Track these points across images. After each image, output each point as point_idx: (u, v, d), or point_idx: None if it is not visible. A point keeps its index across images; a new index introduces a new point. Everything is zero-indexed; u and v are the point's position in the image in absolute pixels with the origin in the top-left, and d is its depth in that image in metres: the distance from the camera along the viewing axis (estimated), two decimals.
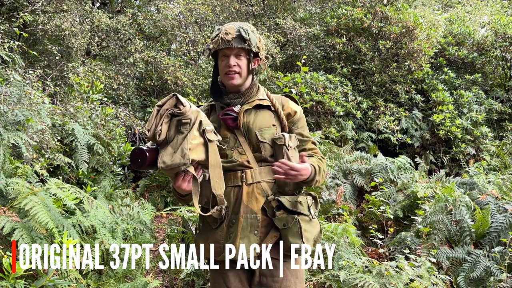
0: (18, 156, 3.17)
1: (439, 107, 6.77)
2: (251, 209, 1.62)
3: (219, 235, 1.65)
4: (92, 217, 2.83)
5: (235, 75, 1.68)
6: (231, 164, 1.65)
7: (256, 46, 1.70)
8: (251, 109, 1.71)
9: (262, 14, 8.01)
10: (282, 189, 1.67)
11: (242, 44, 1.66)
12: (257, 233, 1.61)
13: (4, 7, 5.55)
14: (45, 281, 2.14)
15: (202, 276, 3.03)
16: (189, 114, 1.47)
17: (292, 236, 1.58)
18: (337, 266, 2.84)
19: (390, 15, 6.98)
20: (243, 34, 1.65)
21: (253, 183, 1.65)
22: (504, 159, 6.32)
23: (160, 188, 5.64)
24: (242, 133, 1.68)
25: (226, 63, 1.68)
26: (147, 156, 1.46)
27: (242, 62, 1.69)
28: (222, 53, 1.69)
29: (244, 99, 1.72)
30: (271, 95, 1.78)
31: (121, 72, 6.28)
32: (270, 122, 1.71)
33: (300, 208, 1.62)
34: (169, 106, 1.47)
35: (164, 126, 1.46)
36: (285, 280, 1.62)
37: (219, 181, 1.53)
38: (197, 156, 1.47)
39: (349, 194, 4.44)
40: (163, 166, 1.43)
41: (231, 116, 1.70)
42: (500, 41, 7.69)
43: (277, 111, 1.73)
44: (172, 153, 1.44)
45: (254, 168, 1.66)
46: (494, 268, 3.08)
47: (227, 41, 1.65)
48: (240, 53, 1.68)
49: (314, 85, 6.09)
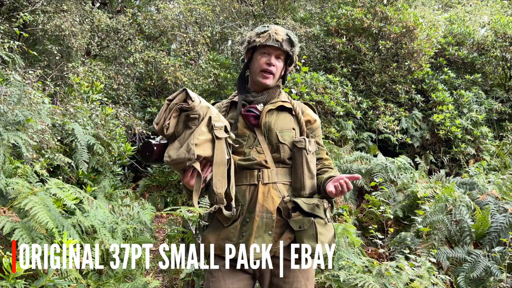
0: (18, 156, 3.17)
1: (439, 107, 6.77)
2: (267, 208, 1.61)
3: (231, 233, 1.62)
4: (92, 217, 2.83)
5: (270, 76, 1.71)
6: (249, 163, 1.64)
7: (295, 54, 1.75)
8: (273, 110, 1.72)
9: (262, 14, 8.01)
10: (298, 193, 1.66)
11: (290, 48, 1.70)
12: (271, 233, 1.60)
13: (4, 7, 5.55)
14: (45, 281, 2.13)
15: (202, 276, 3.03)
16: (197, 109, 1.46)
17: (308, 239, 1.57)
18: (337, 266, 2.84)
19: (390, 15, 6.98)
20: (293, 39, 1.71)
21: (270, 183, 1.64)
22: (504, 159, 6.32)
23: (160, 188, 5.65)
24: (263, 132, 1.68)
25: (266, 60, 1.70)
26: (155, 150, 1.46)
27: (279, 65, 1.73)
28: (263, 50, 1.71)
29: (267, 98, 1.74)
30: (293, 100, 1.81)
31: (121, 72, 6.29)
32: (290, 125, 1.72)
33: (317, 211, 1.61)
34: (178, 100, 1.46)
35: (172, 121, 1.45)
36: (296, 282, 1.61)
37: (221, 179, 1.51)
38: (203, 152, 1.45)
39: (349, 194, 4.44)
40: (168, 160, 1.43)
41: (253, 114, 1.70)
42: (500, 41, 7.68)
43: (298, 115, 1.75)
44: (178, 147, 1.44)
45: (271, 168, 1.65)
46: (494, 268, 3.08)
47: (276, 40, 1.67)
48: (280, 56, 1.72)
49: (314, 85, 6.09)
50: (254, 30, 1.76)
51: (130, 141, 5.28)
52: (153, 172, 5.79)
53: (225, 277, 1.63)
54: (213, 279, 1.64)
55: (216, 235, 1.66)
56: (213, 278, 1.65)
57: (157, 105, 6.55)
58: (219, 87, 6.86)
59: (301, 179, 1.65)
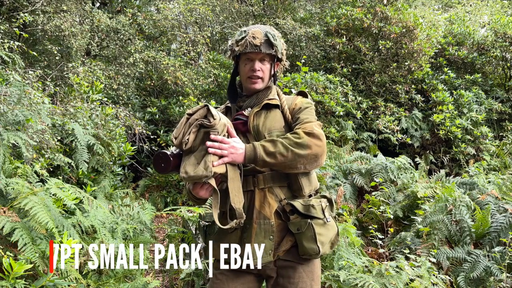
0: (18, 156, 3.17)
1: (439, 107, 6.77)
2: (263, 215, 1.60)
3: (233, 239, 1.63)
4: (92, 217, 2.83)
5: (258, 80, 1.67)
6: (243, 169, 1.61)
7: (281, 52, 1.69)
8: (260, 111, 1.69)
9: (262, 14, 8.01)
10: (297, 193, 1.64)
11: (270, 50, 1.64)
12: (272, 238, 1.59)
13: (4, 7, 5.56)
14: (45, 281, 2.13)
15: (202, 276, 3.03)
16: (218, 127, 1.46)
17: (307, 241, 1.56)
18: (337, 266, 2.84)
19: (390, 15, 6.98)
20: (271, 40, 1.64)
21: (265, 188, 1.62)
22: (504, 159, 6.32)
23: (160, 188, 5.65)
24: (253, 136, 1.66)
25: (250, 67, 1.66)
26: (171, 161, 1.46)
27: (265, 67, 1.68)
28: (246, 56, 1.67)
29: (255, 101, 1.70)
30: (283, 96, 1.75)
31: (121, 72, 6.29)
32: (280, 124, 1.67)
33: (313, 212, 1.59)
34: (199, 116, 1.46)
35: (191, 136, 1.45)
36: (301, 282, 1.61)
37: (238, 194, 1.51)
38: (219, 170, 1.46)
39: (349, 194, 4.44)
40: (185, 176, 1.43)
41: (241, 121, 1.68)
42: (500, 41, 7.69)
43: (283, 111, 1.70)
44: (195, 163, 1.44)
45: (266, 173, 1.62)
46: (494, 268, 3.08)
47: (255, 45, 1.63)
48: (265, 58, 1.67)
49: (314, 85, 6.10)
50: (234, 37, 1.72)
51: (130, 141, 5.29)
52: (153, 172, 5.79)
53: (229, 280, 1.63)
54: (217, 281, 1.65)
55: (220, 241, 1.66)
56: (217, 280, 1.65)
57: (157, 105, 6.55)
58: (219, 87, 6.86)
59: (297, 179, 1.62)
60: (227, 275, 1.64)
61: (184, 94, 6.44)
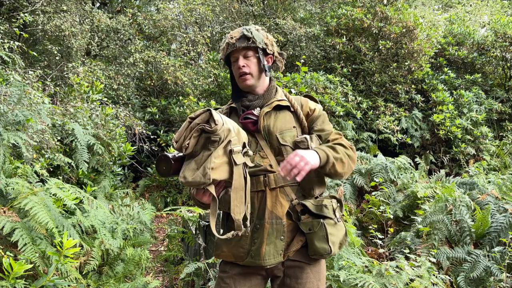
0: (18, 156, 3.17)
1: (439, 107, 6.77)
2: (276, 214, 1.59)
3: (243, 240, 1.61)
4: (92, 217, 2.83)
5: (247, 76, 1.67)
6: (254, 169, 1.61)
7: (262, 42, 1.68)
8: (270, 111, 1.69)
9: (262, 14, 8.01)
10: (307, 193, 1.64)
11: (245, 43, 1.65)
12: (283, 238, 1.59)
13: (4, 7, 5.56)
14: (45, 281, 2.13)
15: (202, 276, 3.02)
16: (219, 133, 1.43)
17: (318, 240, 1.57)
18: (337, 266, 2.84)
19: (390, 15, 6.98)
20: (245, 33, 1.66)
21: (277, 188, 1.61)
22: (504, 159, 6.32)
23: (160, 188, 5.65)
24: (263, 137, 1.66)
25: (237, 66, 1.68)
26: (172, 164, 1.45)
27: (251, 62, 1.68)
28: (232, 58, 1.70)
29: (263, 101, 1.71)
30: (290, 96, 1.76)
31: (121, 72, 6.29)
32: (290, 124, 1.68)
33: (325, 212, 1.59)
34: (200, 120, 1.44)
35: (192, 141, 1.43)
36: (308, 282, 1.61)
37: (239, 205, 1.49)
38: (219, 176, 1.44)
39: (349, 194, 4.44)
40: (183, 181, 1.42)
41: (251, 120, 1.67)
42: (500, 41, 7.69)
43: (296, 111, 1.70)
44: (194, 169, 1.42)
45: (277, 172, 1.62)
46: (494, 268, 3.08)
47: (232, 44, 1.65)
48: (247, 54, 1.68)
49: (314, 85, 6.10)
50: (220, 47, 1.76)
51: (130, 141, 5.29)
52: (153, 172, 5.79)
53: (236, 283, 1.63)
54: (224, 285, 1.64)
55: (229, 242, 1.64)
56: (224, 284, 1.64)
57: (157, 105, 6.55)
58: (219, 87, 6.86)
59: (311, 180, 1.62)
60: (235, 278, 1.64)
61: (184, 94, 6.44)
